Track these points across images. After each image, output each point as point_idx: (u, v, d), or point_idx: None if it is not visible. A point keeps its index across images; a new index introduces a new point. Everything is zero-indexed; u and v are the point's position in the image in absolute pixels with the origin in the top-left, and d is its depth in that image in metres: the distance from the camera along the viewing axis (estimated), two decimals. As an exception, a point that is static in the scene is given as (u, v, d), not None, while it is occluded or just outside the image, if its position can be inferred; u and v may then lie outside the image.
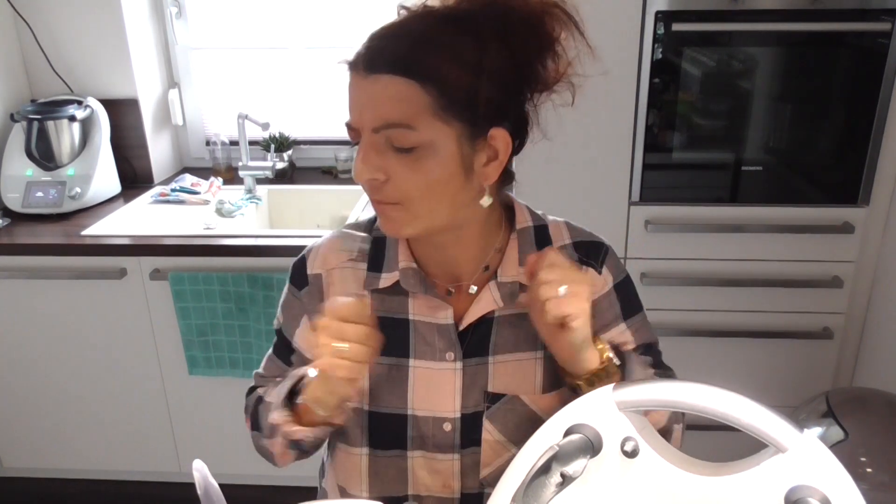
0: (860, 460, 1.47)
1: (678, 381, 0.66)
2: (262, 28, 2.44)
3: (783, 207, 1.84)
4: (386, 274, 0.89)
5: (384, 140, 0.75)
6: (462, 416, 0.89)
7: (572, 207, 1.85)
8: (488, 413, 0.88)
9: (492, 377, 0.88)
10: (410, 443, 0.90)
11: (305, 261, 0.94)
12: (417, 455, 0.91)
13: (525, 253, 0.88)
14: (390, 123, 0.74)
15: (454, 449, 0.90)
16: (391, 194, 0.78)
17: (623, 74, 1.73)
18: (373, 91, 0.74)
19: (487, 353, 0.88)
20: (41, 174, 2.18)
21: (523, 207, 0.93)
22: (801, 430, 0.60)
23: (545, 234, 0.91)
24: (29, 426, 2.24)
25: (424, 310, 0.89)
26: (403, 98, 0.73)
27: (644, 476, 0.66)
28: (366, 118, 0.75)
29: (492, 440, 0.89)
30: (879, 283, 1.87)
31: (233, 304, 1.95)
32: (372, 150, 0.76)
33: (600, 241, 0.94)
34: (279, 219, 2.39)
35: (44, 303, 2.05)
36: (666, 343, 2.09)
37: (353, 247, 0.92)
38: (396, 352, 0.89)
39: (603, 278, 0.91)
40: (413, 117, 0.74)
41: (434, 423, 0.89)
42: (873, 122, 1.74)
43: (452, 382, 0.88)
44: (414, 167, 0.76)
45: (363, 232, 0.92)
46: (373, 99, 0.75)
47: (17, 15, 2.23)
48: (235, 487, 1.16)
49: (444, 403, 0.88)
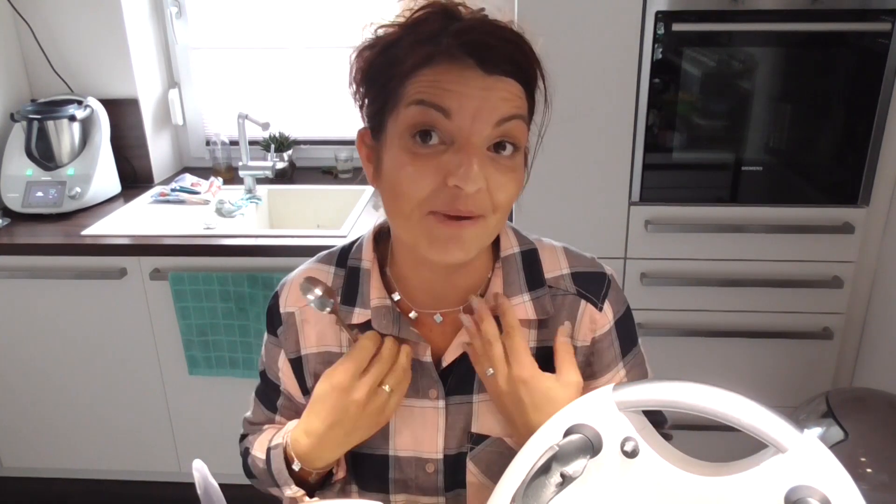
0: (860, 460, 1.47)
1: (678, 381, 0.66)
2: (262, 28, 2.44)
3: (783, 207, 1.84)
4: (359, 309, 0.83)
5: (493, 139, 0.70)
6: (445, 458, 0.84)
7: (572, 207, 1.86)
8: (472, 455, 0.83)
9: (476, 417, 0.83)
10: (393, 486, 0.86)
11: (278, 299, 0.89)
12: (401, 499, 0.87)
13: (512, 282, 0.82)
14: (515, 115, 0.70)
15: (438, 492, 0.86)
16: (481, 205, 0.70)
17: (623, 74, 1.73)
18: (492, 91, 0.68)
19: (472, 392, 0.83)
20: (41, 174, 2.18)
21: (509, 232, 0.86)
22: (801, 430, 0.60)
23: (534, 259, 0.84)
24: (29, 426, 2.24)
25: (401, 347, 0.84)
26: (519, 101, 0.71)
27: (644, 476, 0.66)
28: (486, 116, 0.68)
29: (476, 483, 0.84)
30: (879, 283, 1.87)
31: (233, 304, 1.95)
32: (483, 154, 0.70)
33: (601, 272, 0.86)
34: (279, 219, 2.39)
35: (44, 303, 2.05)
36: (666, 343, 2.10)
37: (326, 280, 0.86)
38: None
39: (604, 315, 0.84)
40: (524, 118, 0.72)
41: (417, 464, 0.85)
42: (873, 122, 1.74)
43: (436, 422, 0.83)
44: (510, 175, 0.71)
45: (336, 264, 0.87)
46: (493, 98, 0.68)
47: (17, 15, 2.23)
48: (235, 487, 1.15)
49: (428, 444, 0.84)
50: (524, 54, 0.71)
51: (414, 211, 0.70)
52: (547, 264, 0.85)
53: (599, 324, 0.84)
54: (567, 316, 0.83)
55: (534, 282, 0.83)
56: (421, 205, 0.70)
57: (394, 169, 0.71)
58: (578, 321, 0.83)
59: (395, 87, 0.70)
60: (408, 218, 0.71)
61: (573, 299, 0.83)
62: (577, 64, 1.70)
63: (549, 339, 0.83)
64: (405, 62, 0.69)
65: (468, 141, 0.68)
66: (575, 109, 1.73)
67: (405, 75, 0.69)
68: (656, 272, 1.90)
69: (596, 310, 0.83)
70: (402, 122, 0.70)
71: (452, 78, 0.67)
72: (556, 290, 0.83)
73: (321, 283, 0.83)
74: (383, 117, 0.72)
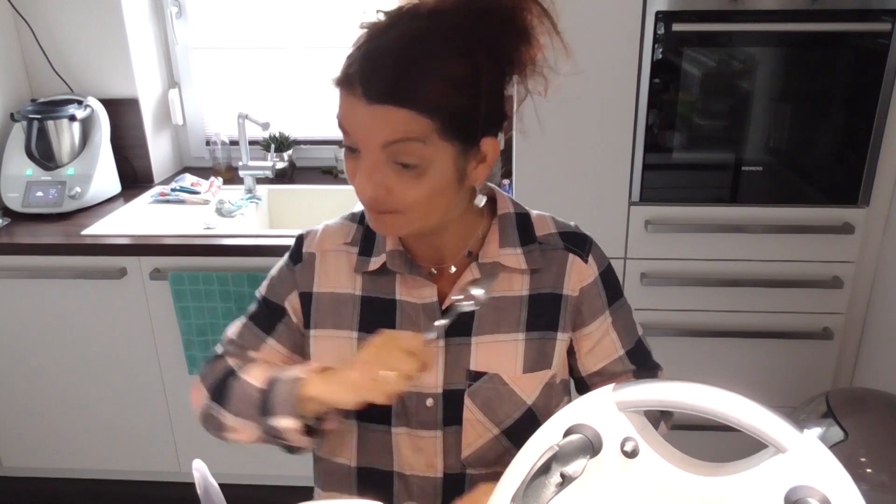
0: (860, 460, 1.47)
1: (678, 381, 0.66)
2: (262, 28, 2.44)
3: (783, 207, 1.84)
4: (375, 258, 0.93)
5: (387, 157, 0.78)
6: (444, 393, 0.91)
7: (572, 207, 1.86)
8: (469, 390, 0.91)
9: (474, 356, 0.91)
10: (395, 418, 0.93)
11: (303, 239, 0.99)
12: (402, 431, 0.93)
13: (507, 236, 0.93)
14: (402, 138, 0.77)
15: (437, 425, 0.92)
16: (391, 205, 0.81)
17: (623, 74, 1.73)
18: (375, 118, 0.77)
19: (470, 334, 0.91)
20: (41, 174, 2.18)
21: (506, 197, 0.97)
22: (801, 431, 0.60)
23: (527, 222, 0.95)
24: (29, 426, 2.24)
25: (410, 290, 0.92)
26: (406, 126, 0.77)
27: (644, 476, 0.66)
28: (371, 140, 0.78)
29: (473, 419, 0.92)
30: (879, 283, 1.87)
31: (233, 304, 1.95)
32: (375, 167, 0.79)
33: (584, 234, 0.98)
34: (279, 219, 2.39)
35: (44, 303, 2.05)
36: (666, 343, 2.10)
37: (348, 233, 0.97)
38: (382, 328, 0.89)
39: (589, 267, 0.95)
40: (416, 140, 0.77)
41: (417, 398, 0.92)
42: (873, 122, 1.74)
43: (434, 359, 0.91)
44: (415, 182, 0.80)
45: (357, 222, 0.98)
46: (376, 125, 0.77)
47: (18, 15, 2.23)
48: (235, 487, 1.16)
49: (427, 379, 0.91)
50: (409, 77, 0.76)
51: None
52: (538, 226, 0.96)
53: (586, 274, 0.94)
54: (557, 267, 0.94)
55: (526, 238, 0.94)
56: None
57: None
58: (568, 272, 0.94)
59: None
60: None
61: (562, 254, 0.94)
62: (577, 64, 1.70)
63: (540, 286, 0.93)
64: (337, 79, 0.80)
65: (364, 157, 0.80)
66: (575, 109, 1.73)
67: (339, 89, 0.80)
68: (656, 272, 1.90)
69: (582, 261, 0.94)
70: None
71: (346, 102, 0.79)
72: (546, 246, 0.94)
73: (354, 226, 0.99)
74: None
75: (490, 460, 0.94)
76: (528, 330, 0.92)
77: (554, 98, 0.85)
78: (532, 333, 0.93)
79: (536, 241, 0.94)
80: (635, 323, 1.00)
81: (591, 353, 0.97)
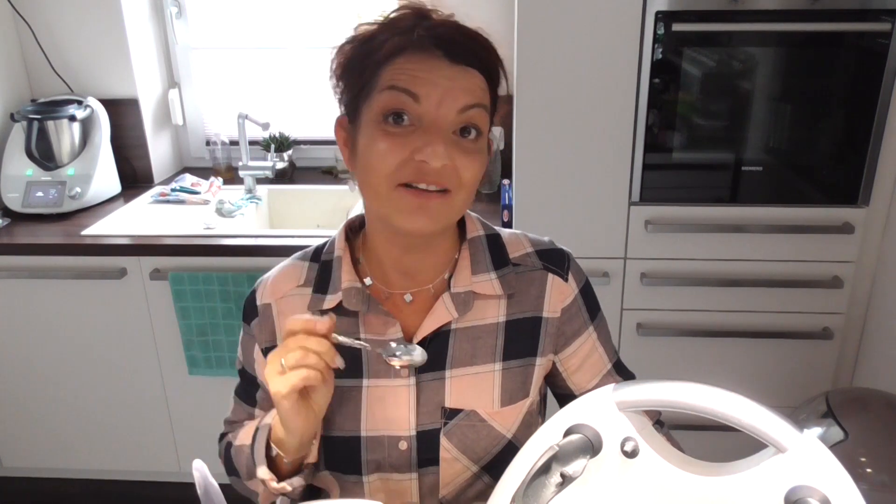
0: (860, 460, 1.47)
1: (678, 381, 0.66)
2: (262, 28, 2.44)
3: (783, 207, 1.84)
4: (330, 295, 0.87)
5: (457, 124, 0.77)
6: (418, 434, 0.86)
7: (572, 207, 1.86)
8: (445, 430, 0.86)
9: (448, 392, 0.86)
10: (365, 467, 0.88)
11: (255, 293, 0.93)
12: (374, 478, 0.89)
13: (479, 261, 0.88)
14: (478, 104, 0.77)
15: (411, 468, 0.87)
16: (447, 180, 0.76)
17: (623, 74, 1.73)
18: (457, 79, 0.76)
19: (444, 367, 0.86)
20: (41, 174, 2.18)
21: (474, 218, 0.93)
22: (801, 431, 0.60)
23: (498, 244, 0.91)
24: (29, 426, 2.24)
25: (375, 328, 0.87)
26: (482, 91, 0.78)
27: (644, 476, 0.66)
28: (453, 101, 0.75)
29: (450, 458, 0.87)
30: (879, 283, 1.87)
31: (233, 304, 1.95)
32: (447, 135, 0.77)
33: (561, 249, 0.94)
34: (279, 219, 2.39)
35: (44, 303, 2.05)
36: (666, 343, 2.10)
37: (299, 275, 0.91)
38: (351, 373, 0.86)
39: (569, 286, 0.91)
40: (485, 107, 0.79)
41: (389, 442, 0.87)
42: (873, 122, 1.74)
43: (406, 399, 0.86)
44: (473, 158, 0.78)
45: (311, 259, 0.92)
46: (459, 86, 0.76)
47: (18, 15, 2.23)
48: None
49: (399, 422, 0.86)
50: (487, 51, 0.79)
51: (382, 183, 0.76)
52: (511, 247, 0.92)
53: (566, 293, 0.91)
54: (536, 289, 0.90)
55: (499, 261, 0.89)
56: (389, 177, 0.76)
57: (367, 147, 0.78)
58: (548, 293, 0.90)
59: (371, 75, 0.77)
60: (379, 191, 0.77)
61: (541, 274, 0.90)
62: (577, 64, 1.70)
63: (518, 311, 0.89)
64: (380, 52, 0.76)
65: (434, 123, 0.75)
66: (575, 109, 1.73)
67: (379, 64, 0.76)
68: (656, 272, 1.90)
69: (562, 280, 0.91)
70: (376, 106, 0.77)
71: (421, 66, 0.75)
72: (523, 267, 0.90)
73: (306, 264, 0.91)
74: (358, 103, 0.79)
75: (470, 497, 0.91)
76: (504, 359, 0.87)
77: (554, 98, 0.86)
78: (509, 363, 0.88)
79: (510, 264, 0.90)
80: (610, 334, 0.98)
81: (581, 371, 0.93)
